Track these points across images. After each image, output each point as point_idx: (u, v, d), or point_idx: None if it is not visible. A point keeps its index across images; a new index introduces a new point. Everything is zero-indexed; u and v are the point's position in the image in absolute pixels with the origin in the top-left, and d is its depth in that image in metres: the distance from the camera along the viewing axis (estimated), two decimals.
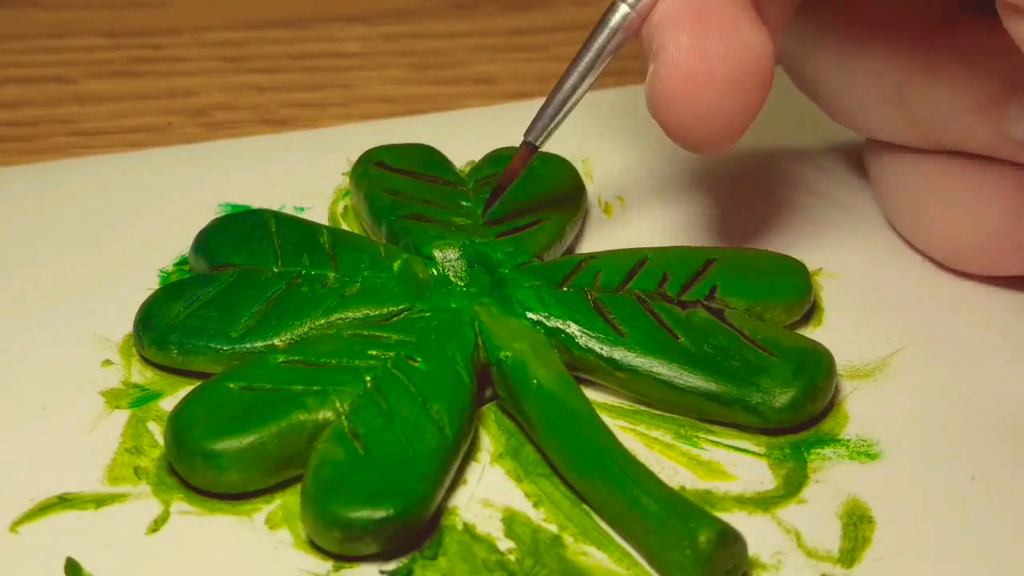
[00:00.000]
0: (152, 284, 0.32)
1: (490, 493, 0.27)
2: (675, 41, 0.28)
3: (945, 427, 0.29)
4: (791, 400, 0.29)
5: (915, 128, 0.32)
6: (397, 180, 0.34)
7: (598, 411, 0.28)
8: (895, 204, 0.34)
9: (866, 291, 0.32)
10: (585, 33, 0.30)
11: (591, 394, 0.29)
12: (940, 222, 0.32)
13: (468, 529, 0.27)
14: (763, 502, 0.27)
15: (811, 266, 0.33)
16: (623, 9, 0.29)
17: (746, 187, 0.32)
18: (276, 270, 0.31)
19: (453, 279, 0.31)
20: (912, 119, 0.32)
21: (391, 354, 0.29)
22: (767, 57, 0.28)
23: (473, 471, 0.28)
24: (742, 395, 0.29)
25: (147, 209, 0.35)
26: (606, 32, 0.30)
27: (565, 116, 0.31)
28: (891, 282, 0.33)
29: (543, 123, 0.31)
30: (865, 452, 0.29)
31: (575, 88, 0.30)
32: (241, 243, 0.32)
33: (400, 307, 0.30)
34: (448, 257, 0.31)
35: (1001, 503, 0.27)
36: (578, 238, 0.34)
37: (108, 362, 0.30)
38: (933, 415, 0.29)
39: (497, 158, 0.36)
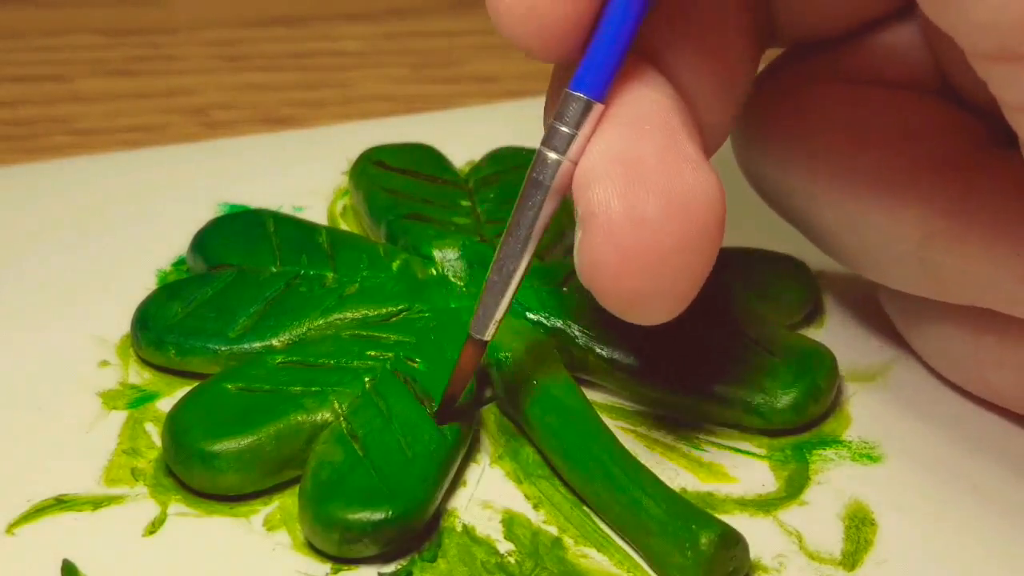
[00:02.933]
0: (150, 284, 0.32)
1: (490, 495, 0.27)
2: (605, 207, 0.23)
3: (947, 430, 0.29)
4: (793, 401, 0.28)
5: (940, 288, 0.27)
6: (396, 179, 0.34)
7: (598, 412, 0.28)
8: (939, 353, 0.30)
9: (868, 292, 0.32)
10: None
11: (591, 394, 0.29)
12: (1003, 378, 0.28)
13: (468, 531, 0.27)
14: (765, 504, 0.27)
15: (813, 266, 0.32)
16: (552, 157, 0.24)
17: (748, 187, 0.31)
18: (274, 270, 0.31)
19: (452, 279, 0.31)
20: (938, 280, 0.27)
21: (390, 355, 0.29)
22: (716, 208, 0.24)
23: (473, 472, 0.28)
24: (744, 396, 0.28)
25: (145, 209, 0.35)
26: (539, 192, 0.25)
27: (512, 301, 0.26)
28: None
29: (490, 315, 0.26)
30: (867, 454, 0.28)
31: (518, 265, 0.25)
32: (239, 243, 0.32)
33: (399, 307, 0.30)
34: (447, 257, 0.31)
35: (1003, 506, 0.27)
36: None
37: (105, 363, 0.30)
38: (935, 417, 0.29)
39: (497, 157, 0.35)
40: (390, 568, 0.26)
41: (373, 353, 0.29)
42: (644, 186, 0.23)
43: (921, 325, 0.30)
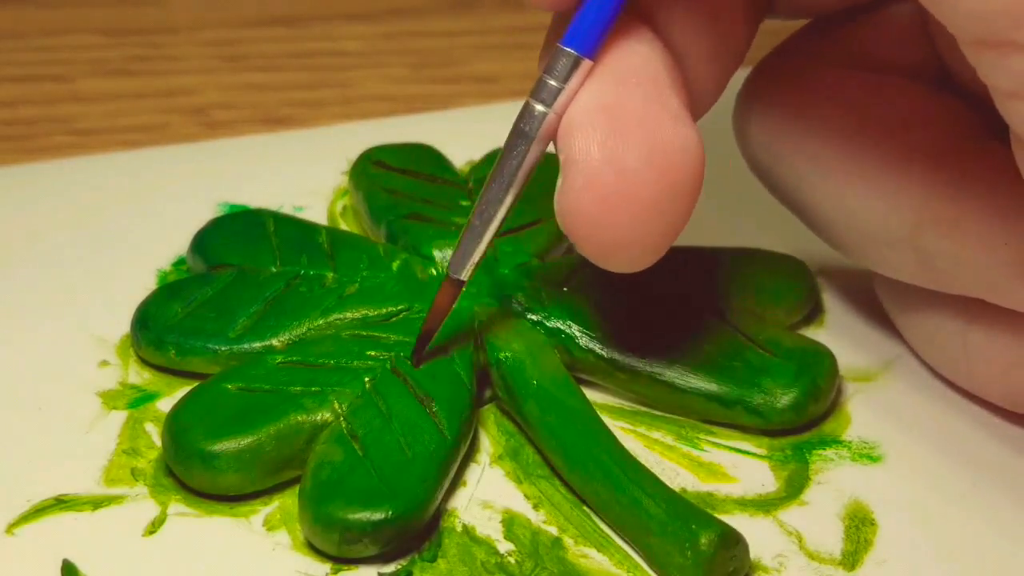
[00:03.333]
0: (150, 284, 0.32)
1: (490, 495, 0.27)
2: (585, 154, 0.24)
3: (947, 430, 0.29)
4: (793, 401, 0.28)
5: (933, 276, 0.28)
6: (396, 179, 0.34)
7: (598, 412, 0.28)
8: (930, 345, 0.30)
9: (869, 292, 0.32)
10: None
11: (591, 395, 0.29)
12: (989, 370, 0.28)
13: (468, 531, 0.26)
14: (765, 504, 0.27)
15: (813, 266, 0.32)
16: (538, 109, 0.25)
17: (748, 187, 0.31)
18: (274, 270, 0.31)
19: None
20: (930, 267, 0.27)
21: (390, 355, 0.29)
22: (694, 162, 0.24)
23: (472, 472, 0.28)
24: (744, 396, 0.28)
25: (145, 209, 0.35)
26: (523, 141, 0.25)
27: (491, 243, 0.26)
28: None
29: (468, 253, 0.26)
30: (867, 454, 0.28)
31: (500, 206, 0.26)
32: (239, 243, 0.32)
33: (399, 307, 0.30)
34: (447, 257, 0.31)
35: (1002, 506, 0.27)
36: None
37: (105, 363, 0.30)
38: (935, 417, 0.29)
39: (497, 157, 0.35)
40: (390, 568, 0.26)
41: (373, 353, 0.29)
42: (625, 136, 0.24)
43: (912, 315, 0.30)
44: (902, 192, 0.27)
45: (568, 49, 0.24)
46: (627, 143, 0.24)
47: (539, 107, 0.25)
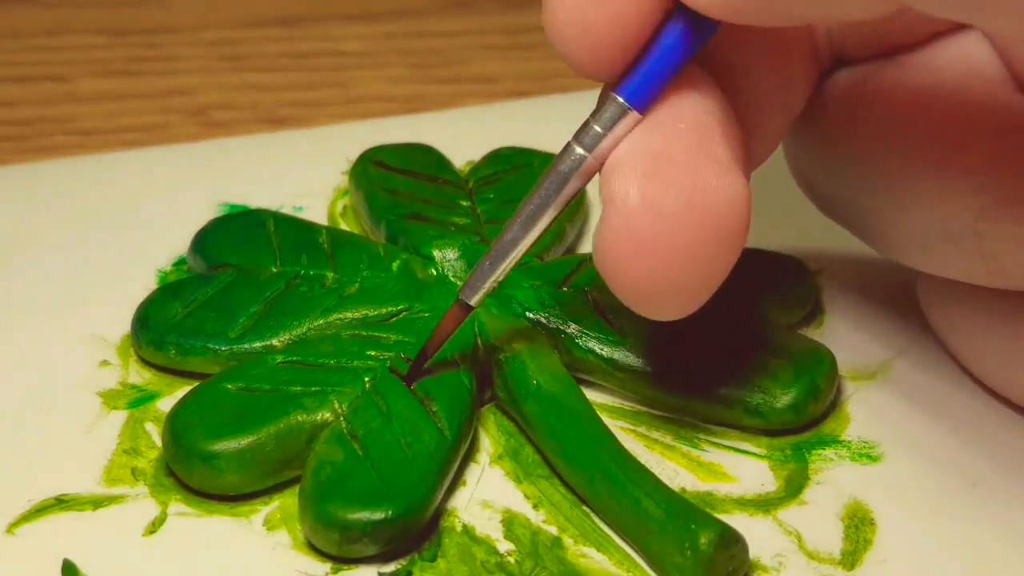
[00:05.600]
0: (150, 284, 0.32)
1: (489, 494, 0.27)
2: (624, 195, 0.23)
3: (947, 429, 0.29)
4: (792, 401, 0.28)
5: (995, 270, 0.27)
6: (396, 179, 0.34)
7: (598, 412, 0.28)
8: (968, 345, 0.29)
9: (868, 292, 0.32)
10: None
11: (591, 395, 0.29)
12: None
13: (467, 531, 0.27)
14: (764, 504, 0.27)
15: (813, 266, 0.32)
16: (577, 152, 0.25)
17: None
18: (274, 270, 0.31)
19: (452, 279, 0.31)
20: (994, 260, 0.26)
21: (390, 355, 0.29)
22: (738, 213, 0.24)
23: (472, 472, 0.28)
24: (743, 396, 0.28)
25: (145, 209, 0.35)
26: (556, 178, 0.25)
27: (507, 272, 0.26)
28: (893, 283, 0.33)
29: (481, 282, 0.26)
30: (867, 454, 0.28)
31: (519, 241, 0.26)
32: (239, 243, 0.32)
33: (399, 307, 0.30)
34: (447, 257, 0.31)
35: (1002, 506, 0.27)
36: (578, 238, 0.34)
37: (106, 363, 0.30)
38: (935, 417, 0.29)
39: (497, 157, 0.35)
40: (390, 568, 0.26)
41: (373, 353, 0.29)
42: (665, 179, 0.23)
43: (957, 320, 0.29)
44: (963, 174, 0.26)
45: (619, 98, 0.24)
46: (667, 187, 0.23)
47: (579, 150, 0.25)
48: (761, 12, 0.22)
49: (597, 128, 0.25)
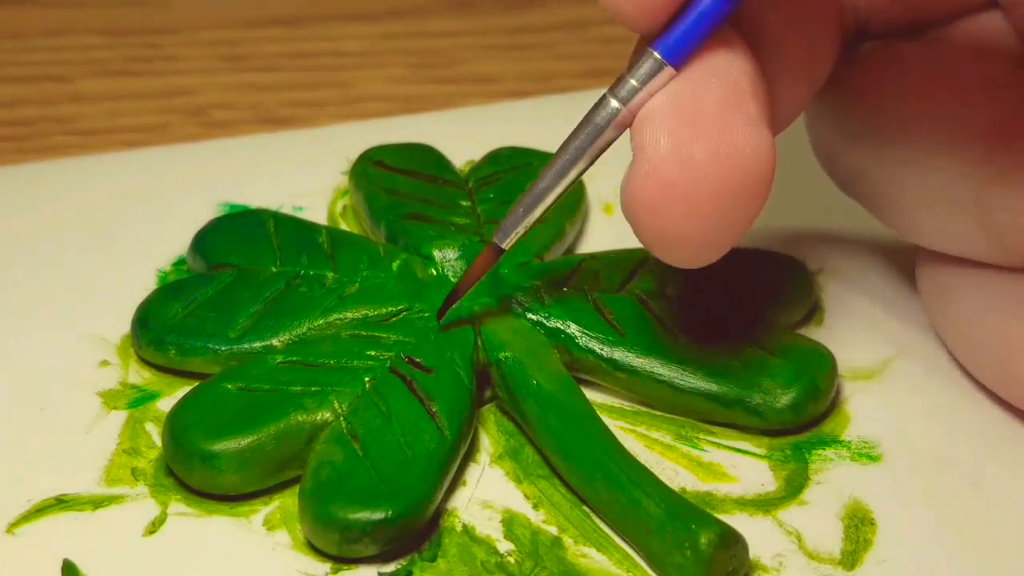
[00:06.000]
0: (150, 284, 0.32)
1: (489, 494, 0.27)
2: (654, 143, 0.24)
3: (947, 429, 0.29)
4: (792, 401, 0.28)
5: (997, 241, 0.27)
6: (396, 179, 0.34)
7: (598, 412, 0.28)
8: (964, 335, 0.29)
9: (868, 292, 0.32)
10: (586, 31, 0.30)
11: (591, 395, 0.29)
12: None
13: (467, 531, 0.27)
14: (764, 503, 0.27)
15: (812, 266, 0.32)
16: (612, 105, 0.25)
17: None
18: (274, 270, 0.31)
19: (452, 279, 0.31)
20: (994, 230, 0.27)
21: (390, 355, 0.29)
22: (763, 166, 0.24)
23: (472, 472, 0.28)
24: (743, 396, 0.28)
25: (145, 209, 0.35)
26: (590, 129, 0.26)
27: (541, 218, 0.27)
28: (893, 282, 0.33)
29: (514, 225, 0.27)
30: (867, 454, 0.28)
31: (552, 188, 0.26)
32: (239, 243, 0.32)
33: (399, 307, 0.30)
34: (447, 257, 0.31)
35: (1002, 506, 0.27)
36: (578, 238, 0.34)
37: (105, 363, 0.30)
38: (935, 417, 0.29)
39: (497, 157, 0.35)
40: (390, 568, 0.26)
41: (373, 353, 0.29)
42: (695, 130, 0.24)
43: (951, 307, 0.29)
44: (968, 145, 0.27)
45: (656, 54, 0.25)
46: (696, 137, 0.24)
47: (614, 103, 0.25)
48: None
49: (633, 82, 0.25)
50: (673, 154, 0.24)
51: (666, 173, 0.24)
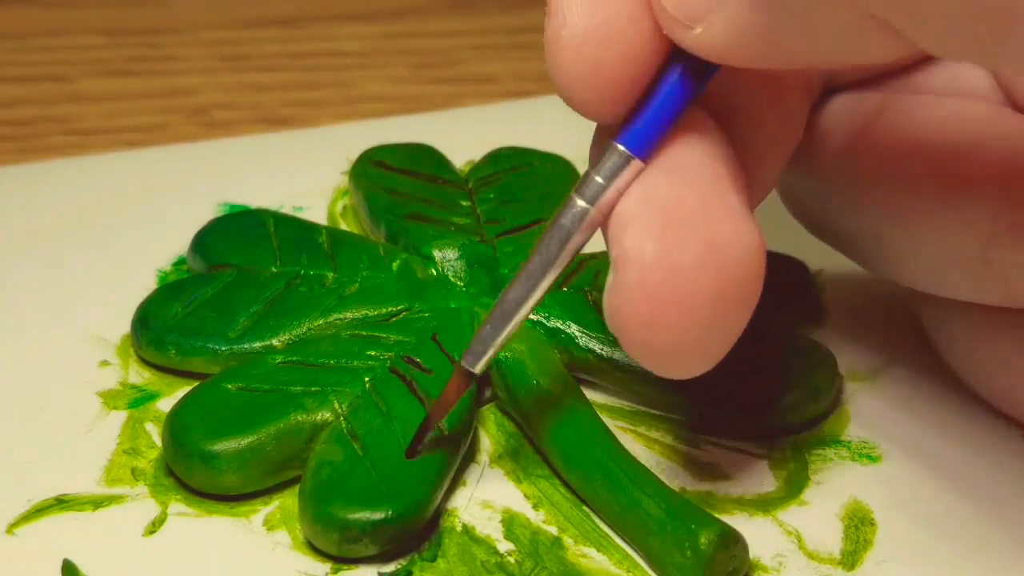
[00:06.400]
0: (150, 284, 0.32)
1: (489, 494, 0.27)
2: (638, 250, 0.22)
3: (947, 429, 0.29)
4: (792, 401, 0.28)
5: (1005, 293, 0.26)
6: (396, 179, 0.34)
7: (598, 412, 0.28)
8: (971, 365, 0.28)
9: (869, 292, 0.32)
10: None
11: (591, 395, 0.29)
12: None
13: (467, 531, 0.26)
14: (764, 503, 0.27)
15: (813, 266, 0.32)
16: (579, 205, 0.23)
17: None
18: (274, 270, 0.31)
19: (452, 279, 0.31)
20: (1002, 283, 0.25)
21: (390, 355, 0.29)
22: (754, 260, 0.23)
23: (472, 472, 0.28)
24: (743, 396, 0.28)
25: (145, 209, 0.35)
26: (557, 234, 0.24)
27: (511, 335, 0.25)
28: (894, 283, 0.33)
29: (483, 347, 0.25)
30: (867, 454, 0.28)
31: (523, 303, 0.24)
32: (239, 243, 0.32)
33: (399, 307, 0.30)
34: (447, 257, 0.31)
35: (1002, 505, 0.27)
36: None
37: (105, 363, 0.30)
38: (935, 417, 0.29)
39: (497, 157, 0.35)
40: (390, 568, 0.26)
41: (373, 353, 0.29)
42: (681, 232, 0.22)
43: (957, 335, 0.28)
44: (971, 207, 0.25)
45: (620, 147, 0.23)
46: (683, 239, 0.22)
47: (581, 203, 0.24)
48: (763, 56, 0.22)
49: (599, 179, 0.23)
50: (660, 261, 0.22)
51: (654, 283, 0.22)
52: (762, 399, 0.28)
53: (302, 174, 0.36)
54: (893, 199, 0.26)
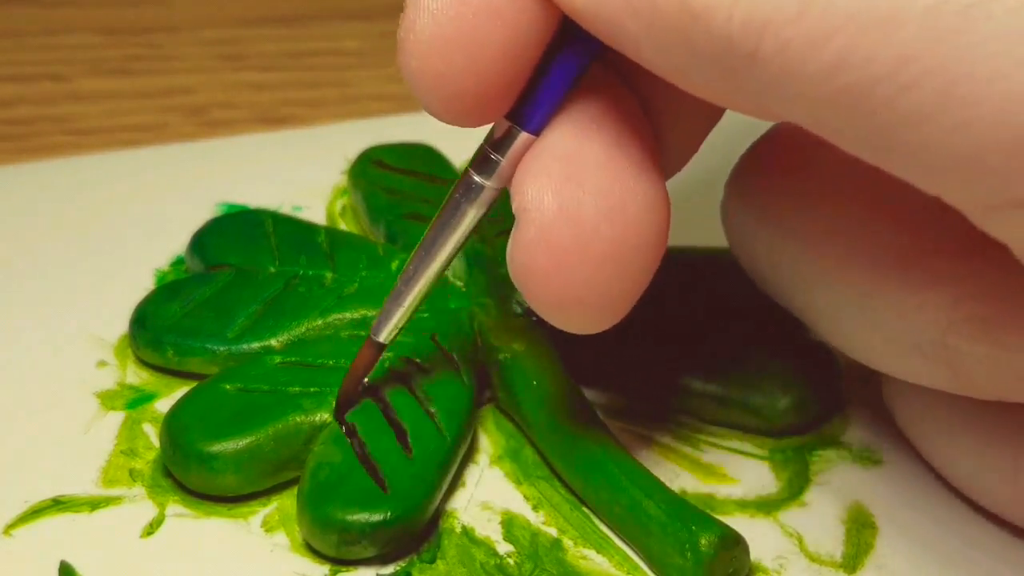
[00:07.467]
0: (148, 284, 0.32)
1: (489, 496, 0.27)
2: (538, 203, 0.22)
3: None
4: (793, 402, 0.28)
5: (965, 382, 0.24)
6: (396, 179, 0.34)
7: (598, 412, 0.28)
8: (943, 456, 0.27)
9: None
10: None
11: (591, 394, 0.29)
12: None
13: (467, 532, 0.26)
14: (765, 505, 0.27)
15: None
16: (475, 181, 0.24)
17: None
18: (273, 270, 0.31)
19: (452, 279, 0.31)
20: (960, 371, 0.24)
21: (389, 355, 0.28)
22: (658, 216, 0.22)
23: (472, 473, 0.28)
24: (743, 396, 0.28)
25: (143, 208, 0.35)
26: (453, 211, 0.24)
27: (416, 306, 0.26)
28: None
29: (388, 319, 0.26)
30: (868, 456, 0.28)
31: (420, 276, 0.25)
32: (238, 243, 0.32)
33: None
34: None
35: None
36: None
37: (103, 363, 0.30)
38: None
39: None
40: (389, 569, 0.26)
41: None
42: (582, 184, 0.22)
43: (928, 428, 0.27)
44: (930, 290, 0.23)
45: (512, 124, 0.23)
46: (584, 192, 0.22)
47: (477, 178, 0.24)
48: (622, 25, 0.21)
49: (493, 156, 0.24)
50: (560, 213, 0.22)
51: (554, 235, 0.22)
52: (763, 399, 0.28)
53: (301, 174, 0.36)
54: (844, 271, 0.25)
